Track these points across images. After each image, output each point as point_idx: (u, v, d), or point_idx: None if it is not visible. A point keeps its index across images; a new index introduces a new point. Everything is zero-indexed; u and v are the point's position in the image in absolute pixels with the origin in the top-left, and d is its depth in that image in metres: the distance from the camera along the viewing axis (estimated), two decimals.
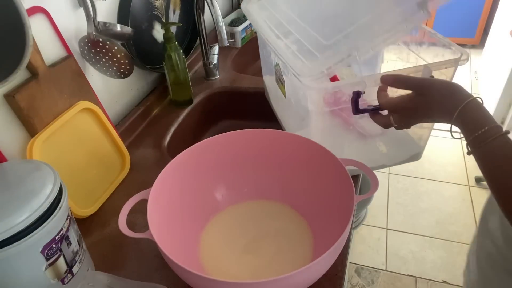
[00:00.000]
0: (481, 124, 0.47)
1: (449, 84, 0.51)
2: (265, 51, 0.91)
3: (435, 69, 0.60)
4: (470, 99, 0.49)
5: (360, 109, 0.60)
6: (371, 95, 0.61)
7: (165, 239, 0.55)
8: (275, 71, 0.80)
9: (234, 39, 1.33)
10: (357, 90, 0.58)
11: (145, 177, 0.81)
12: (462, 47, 0.64)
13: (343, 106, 0.62)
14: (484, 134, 0.46)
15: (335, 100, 0.62)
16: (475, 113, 0.48)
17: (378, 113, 0.61)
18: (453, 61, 0.61)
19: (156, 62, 1.02)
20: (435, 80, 0.53)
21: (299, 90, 0.69)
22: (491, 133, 0.46)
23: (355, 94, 0.59)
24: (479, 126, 0.47)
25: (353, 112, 0.61)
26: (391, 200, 1.92)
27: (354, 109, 0.60)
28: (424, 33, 0.71)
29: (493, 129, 0.46)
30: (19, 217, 0.45)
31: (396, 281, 1.56)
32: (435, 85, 0.52)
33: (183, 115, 1.00)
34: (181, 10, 1.11)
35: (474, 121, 0.48)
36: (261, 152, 0.72)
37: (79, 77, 0.77)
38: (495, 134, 0.45)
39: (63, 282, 0.53)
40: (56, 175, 0.52)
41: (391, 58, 0.81)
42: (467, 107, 0.48)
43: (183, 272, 0.50)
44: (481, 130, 0.46)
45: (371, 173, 0.61)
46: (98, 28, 0.78)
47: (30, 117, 0.65)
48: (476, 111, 0.48)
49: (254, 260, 0.64)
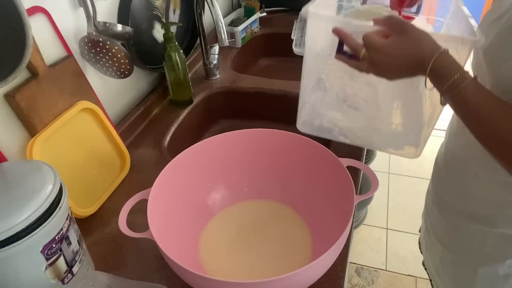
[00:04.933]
0: (454, 70, 0.49)
1: (425, 33, 0.54)
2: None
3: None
4: (442, 49, 0.51)
5: (342, 51, 0.62)
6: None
7: (165, 239, 0.55)
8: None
9: (234, 39, 1.33)
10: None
11: (145, 177, 0.81)
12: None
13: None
14: (458, 80, 0.49)
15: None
16: (447, 61, 0.51)
17: (354, 57, 0.61)
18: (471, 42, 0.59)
19: (156, 62, 1.02)
20: (414, 25, 0.55)
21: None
22: (464, 78, 0.49)
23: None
24: (452, 73, 0.49)
25: (336, 52, 0.63)
26: (391, 200, 1.92)
27: (337, 49, 0.63)
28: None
29: (466, 74, 0.49)
30: (19, 217, 0.45)
31: (396, 281, 1.56)
32: (413, 29, 0.54)
33: (183, 115, 1.00)
34: (181, 10, 1.11)
35: (446, 68, 0.50)
36: (261, 152, 0.72)
37: (79, 77, 0.77)
38: (468, 78, 0.49)
39: (63, 282, 0.53)
40: (56, 175, 0.52)
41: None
42: (440, 55, 0.51)
43: (183, 272, 0.50)
44: (454, 77, 0.49)
45: (371, 172, 0.61)
46: (98, 28, 0.78)
47: (30, 117, 0.65)
48: (448, 60, 0.51)
49: (254, 260, 0.64)
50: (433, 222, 0.78)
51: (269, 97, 1.08)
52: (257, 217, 0.71)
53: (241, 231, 0.69)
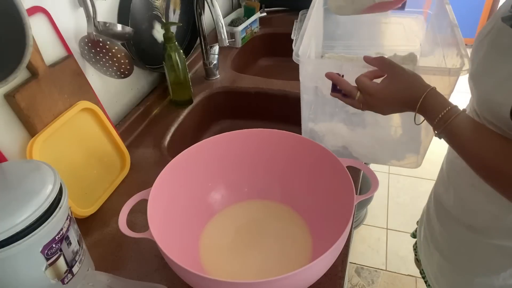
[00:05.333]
0: (442, 107, 0.53)
1: (414, 74, 0.59)
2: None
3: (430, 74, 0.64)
4: (430, 88, 0.55)
5: (337, 89, 0.66)
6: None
7: (165, 239, 0.55)
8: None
9: (234, 39, 1.33)
10: (337, 72, 0.66)
11: (145, 177, 0.81)
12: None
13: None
14: (447, 114, 0.52)
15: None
16: (435, 99, 0.55)
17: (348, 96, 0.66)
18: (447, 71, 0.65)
19: (156, 62, 1.02)
20: (404, 68, 0.60)
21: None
22: (452, 112, 0.52)
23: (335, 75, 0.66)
24: (441, 109, 0.53)
25: (331, 90, 0.68)
26: (391, 200, 1.92)
27: (332, 88, 0.67)
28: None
29: (453, 108, 0.53)
30: (19, 217, 0.45)
31: (396, 281, 1.56)
32: (403, 73, 0.59)
33: (183, 115, 1.00)
34: (181, 10, 1.11)
35: (435, 105, 0.54)
36: (261, 152, 0.72)
37: (79, 77, 0.77)
38: (456, 112, 0.52)
39: (63, 282, 0.53)
40: (56, 175, 0.52)
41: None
42: (428, 95, 0.55)
43: (183, 272, 0.50)
44: (443, 111, 0.53)
45: (371, 172, 0.61)
46: (98, 28, 0.78)
47: (30, 117, 0.65)
48: (436, 97, 0.55)
49: (254, 260, 0.64)
50: (433, 230, 0.78)
51: (269, 97, 1.08)
52: (257, 217, 0.71)
53: (241, 231, 0.69)
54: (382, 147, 0.83)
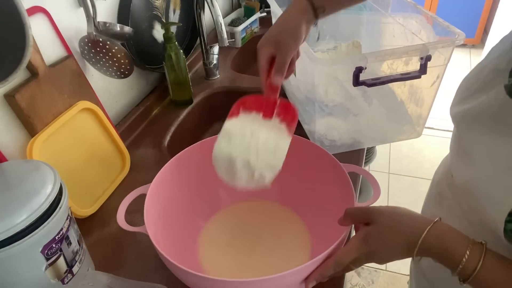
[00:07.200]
0: (458, 254, 0.40)
1: (399, 210, 0.46)
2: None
3: (433, 48, 0.66)
4: (430, 226, 0.41)
5: (360, 82, 0.67)
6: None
7: (161, 235, 0.55)
8: None
9: (234, 39, 1.33)
10: (360, 65, 0.66)
11: (145, 177, 0.80)
12: (462, 47, 0.65)
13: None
14: (467, 265, 0.39)
15: None
16: (441, 242, 0.41)
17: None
18: (450, 41, 0.66)
19: (156, 62, 1.02)
20: (383, 207, 0.47)
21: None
22: (472, 263, 0.39)
23: (357, 68, 0.66)
24: (458, 258, 0.40)
25: (353, 84, 0.67)
26: (391, 200, 1.92)
27: (354, 81, 0.67)
28: (427, 17, 0.77)
29: (472, 256, 0.39)
30: (19, 217, 0.45)
31: (396, 281, 1.56)
32: (384, 212, 0.46)
33: (183, 115, 1.00)
34: (181, 10, 1.11)
35: (446, 251, 0.41)
36: None
37: (79, 77, 0.77)
38: (477, 263, 0.39)
39: (63, 282, 0.53)
40: (56, 175, 0.52)
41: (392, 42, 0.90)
42: (429, 236, 0.41)
43: (179, 271, 0.50)
44: (461, 265, 0.40)
45: (374, 181, 0.61)
46: (98, 28, 0.78)
47: (30, 117, 0.65)
48: (443, 238, 0.41)
49: (253, 260, 0.64)
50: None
51: None
52: (256, 217, 0.71)
53: (240, 231, 0.69)
54: (380, 127, 0.85)
